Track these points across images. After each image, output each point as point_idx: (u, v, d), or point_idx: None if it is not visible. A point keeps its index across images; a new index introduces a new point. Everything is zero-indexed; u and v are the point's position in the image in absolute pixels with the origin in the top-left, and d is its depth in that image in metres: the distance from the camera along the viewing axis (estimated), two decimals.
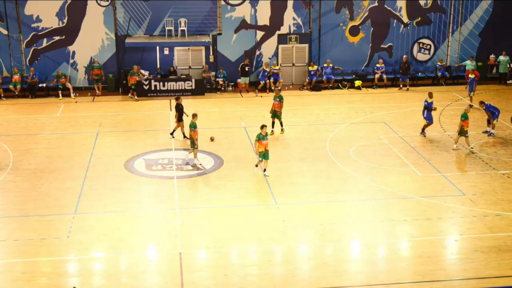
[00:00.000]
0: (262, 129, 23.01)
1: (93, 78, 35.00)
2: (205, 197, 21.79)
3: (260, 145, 22.94)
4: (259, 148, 23.00)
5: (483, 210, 20.55)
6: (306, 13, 36.40)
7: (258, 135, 22.96)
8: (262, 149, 22.97)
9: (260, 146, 22.94)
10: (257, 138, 22.96)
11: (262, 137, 22.88)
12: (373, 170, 23.90)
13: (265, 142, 22.98)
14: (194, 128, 24.42)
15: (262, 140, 22.87)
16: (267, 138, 23.08)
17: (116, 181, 23.08)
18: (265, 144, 22.98)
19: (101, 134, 28.30)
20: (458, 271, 17.10)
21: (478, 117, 29.99)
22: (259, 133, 22.95)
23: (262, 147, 22.97)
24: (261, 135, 22.89)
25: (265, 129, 23.01)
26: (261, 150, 22.98)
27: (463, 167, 24.28)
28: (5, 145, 26.74)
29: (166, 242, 18.68)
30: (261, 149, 22.97)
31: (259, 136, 22.91)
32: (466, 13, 37.33)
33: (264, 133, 22.93)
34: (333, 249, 18.37)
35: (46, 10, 34.70)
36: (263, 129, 22.98)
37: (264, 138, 22.92)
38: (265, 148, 23.03)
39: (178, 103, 27.36)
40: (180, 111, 27.29)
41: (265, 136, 22.94)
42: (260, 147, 22.96)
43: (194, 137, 24.38)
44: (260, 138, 22.88)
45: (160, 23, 35.56)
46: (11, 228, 19.54)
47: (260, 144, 22.92)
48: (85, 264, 17.67)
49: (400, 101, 33.57)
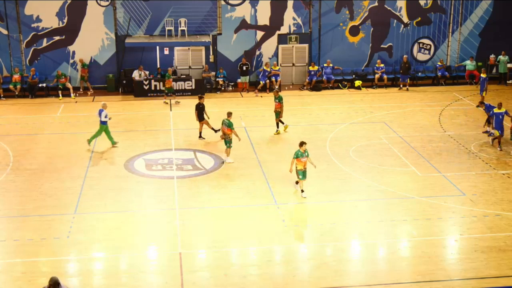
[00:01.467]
0: (301, 146, 21.29)
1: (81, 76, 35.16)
2: (205, 197, 21.78)
3: (299, 163, 21.30)
4: (297, 166, 21.37)
5: (483, 210, 20.55)
6: (306, 13, 36.41)
7: (296, 153, 21.28)
8: (301, 167, 21.35)
9: (299, 164, 21.31)
10: (295, 155, 21.28)
11: (301, 154, 21.24)
12: (373, 170, 23.90)
13: (304, 160, 21.31)
14: (230, 126, 24.58)
15: (301, 157, 21.24)
16: (306, 155, 21.38)
17: (116, 181, 23.08)
18: (304, 162, 21.34)
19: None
20: (458, 271, 17.11)
21: (479, 117, 29.98)
22: (297, 150, 21.28)
23: (301, 165, 21.34)
24: (299, 152, 21.23)
25: (304, 146, 21.25)
26: (300, 168, 21.35)
27: (463, 167, 24.27)
28: (5, 145, 26.75)
29: (166, 242, 18.69)
30: (300, 167, 21.34)
31: (297, 154, 21.25)
32: (466, 13, 37.34)
33: (303, 150, 21.24)
34: (333, 249, 18.37)
35: (46, 10, 34.71)
36: (302, 146, 21.25)
37: (303, 156, 21.27)
38: (304, 166, 21.44)
39: (199, 102, 27.38)
40: (200, 110, 27.25)
41: (303, 154, 21.27)
42: (299, 165, 21.32)
43: (230, 136, 24.61)
44: (298, 156, 21.24)
45: (160, 23, 35.57)
46: (11, 228, 19.54)
47: (298, 162, 21.29)
48: (85, 264, 17.68)
49: (400, 101, 33.57)
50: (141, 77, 34.66)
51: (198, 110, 27.28)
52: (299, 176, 21.51)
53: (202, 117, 27.33)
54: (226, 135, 24.80)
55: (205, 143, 26.97)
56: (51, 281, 13.60)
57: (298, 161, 21.32)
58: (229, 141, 24.78)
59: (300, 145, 21.35)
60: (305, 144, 21.36)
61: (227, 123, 24.78)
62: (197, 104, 27.44)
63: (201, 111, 27.28)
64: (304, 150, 21.30)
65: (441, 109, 31.82)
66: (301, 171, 21.42)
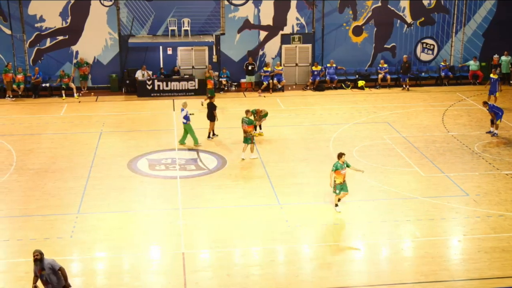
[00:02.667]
0: (340, 158, 20.12)
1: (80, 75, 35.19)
2: (208, 197, 21.78)
3: (338, 176, 20.09)
4: (336, 179, 20.17)
5: (487, 210, 20.52)
6: (310, 13, 36.39)
7: (335, 165, 20.08)
8: (340, 180, 20.16)
9: (338, 176, 20.10)
10: (334, 167, 20.07)
11: (340, 166, 20.04)
12: (376, 170, 23.88)
13: (344, 172, 20.11)
14: (250, 123, 24.87)
15: (340, 169, 20.03)
16: (345, 167, 20.21)
17: (119, 181, 23.09)
18: (343, 175, 20.15)
19: (104, 134, 28.32)
20: (461, 271, 17.09)
21: (482, 118, 29.95)
22: (336, 163, 20.11)
23: (341, 178, 20.15)
24: (339, 165, 20.03)
25: (343, 158, 20.09)
26: (339, 181, 20.16)
27: (467, 167, 24.23)
28: (9, 144, 26.78)
29: (169, 242, 18.69)
30: (339, 180, 20.15)
31: (336, 166, 20.05)
32: (469, 13, 37.28)
33: (342, 162, 20.07)
34: (336, 249, 18.37)
35: (50, 10, 34.72)
36: (341, 158, 20.08)
37: (342, 168, 20.07)
38: (344, 179, 20.25)
39: (211, 101, 27.46)
40: (211, 110, 27.36)
41: (343, 165, 20.08)
42: (338, 177, 20.11)
43: (250, 133, 24.86)
44: (338, 168, 20.03)
45: (164, 23, 35.58)
46: (14, 227, 19.57)
47: (338, 174, 20.07)
48: (88, 264, 17.70)
49: (403, 101, 33.54)
50: (144, 77, 34.69)
51: (210, 109, 27.38)
52: (336, 191, 20.29)
53: (213, 117, 27.41)
54: (246, 132, 24.99)
55: (209, 143, 26.95)
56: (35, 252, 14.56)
57: (337, 174, 20.09)
58: (249, 138, 24.96)
59: (339, 156, 20.18)
60: (344, 155, 20.22)
61: (247, 121, 25.02)
62: (208, 104, 27.58)
63: (212, 110, 27.36)
64: (343, 162, 20.12)
65: (445, 109, 31.78)
66: (339, 185, 20.20)
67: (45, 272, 14.44)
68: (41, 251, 14.60)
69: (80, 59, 35.10)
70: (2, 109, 32.27)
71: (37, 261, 14.47)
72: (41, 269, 14.45)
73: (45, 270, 14.43)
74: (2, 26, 34.64)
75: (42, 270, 14.44)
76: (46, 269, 14.43)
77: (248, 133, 25.01)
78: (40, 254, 14.51)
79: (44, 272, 14.44)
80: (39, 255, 14.49)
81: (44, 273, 14.45)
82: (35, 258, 14.48)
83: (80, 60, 35.09)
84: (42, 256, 14.52)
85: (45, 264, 14.48)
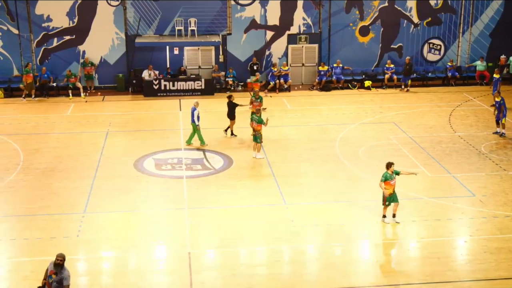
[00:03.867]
0: (389, 168, 19.43)
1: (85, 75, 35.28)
2: (214, 197, 21.79)
3: (388, 187, 19.44)
4: (386, 190, 19.51)
5: (493, 211, 20.47)
6: (316, 13, 36.36)
7: (384, 175, 19.43)
8: (390, 191, 19.46)
9: (388, 187, 19.45)
10: (384, 178, 19.42)
11: (390, 176, 19.40)
12: (382, 171, 23.71)
13: (393, 183, 19.46)
14: (260, 122, 25.00)
15: (390, 180, 19.41)
16: (395, 177, 19.55)
17: (126, 181, 23.13)
18: (393, 185, 19.49)
19: (111, 133, 28.37)
20: (467, 272, 17.06)
21: (489, 118, 29.88)
22: (385, 173, 19.43)
23: (391, 189, 19.49)
24: (388, 175, 19.39)
25: (392, 168, 19.41)
26: (389, 192, 19.46)
27: (473, 168, 24.18)
28: (15, 144, 26.85)
29: (175, 241, 18.71)
30: (389, 190, 19.46)
31: (386, 176, 19.41)
32: (476, 13, 37.19)
33: (391, 172, 19.42)
34: (342, 249, 18.35)
35: (57, 9, 34.81)
36: (390, 168, 19.41)
37: (392, 178, 19.43)
38: (394, 189, 19.57)
39: (229, 100, 27.54)
40: (232, 109, 27.45)
41: (392, 175, 19.44)
42: (388, 188, 19.45)
43: (260, 131, 24.98)
44: (387, 178, 19.40)
45: (170, 23, 35.61)
46: (21, 227, 19.62)
47: (387, 185, 19.42)
48: (94, 263, 17.73)
49: (409, 101, 33.49)
50: (151, 76, 34.74)
51: (230, 108, 27.44)
52: (385, 202, 19.63)
53: (233, 115, 27.50)
54: (256, 131, 25.12)
55: (215, 142, 26.97)
56: (60, 256, 14.25)
57: (387, 185, 19.45)
58: (258, 137, 25.03)
59: (388, 166, 19.50)
60: (393, 164, 19.47)
61: (257, 119, 25.06)
62: (228, 103, 27.63)
63: (233, 109, 27.46)
64: (392, 172, 19.45)
65: (451, 109, 31.72)
66: (389, 197, 19.54)
67: (56, 277, 14.17)
68: (64, 257, 14.29)
69: (85, 59, 35.18)
70: (9, 109, 32.38)
71: (57, 266, 14.18)
72: (55, 273, 14.18)
73: (57, 276, 14.17)
74: (9, 26, 34.74)
75: (55, 274, 14.18)
76: (58, 276, 14.16)
77: (257, 132, 25.05)
78: (63, 260, 14.20)
79: (55, 277, 14.17)
80: (62, 261, 14.19)
81: (55, 278, 14.18)
82: (57, 262, 14.18)
83: (85, 60, 35.16)
84: (63, 262, 14.21)
85: (62, 271, 14.19)
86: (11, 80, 35.10)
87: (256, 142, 25.17)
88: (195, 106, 26.51)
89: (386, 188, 19.43)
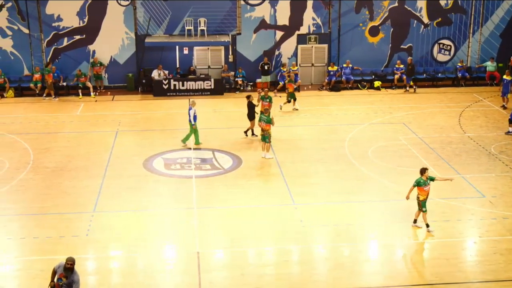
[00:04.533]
0: (423, 174, 18.97)
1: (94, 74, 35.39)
2: (223, 197, 21.81)
3: (422, 193, 19.02)
4: (420, 196, 19.09)
5: (503, 212, 20.40)
6: (326, 13, 36.34)
7: (417, 181, 18.97)
8: (424, 197, 19.05)
9: (422, 193, 19.03)
10: (416, 183, 18.99)
11: (423, 182, 18.93)
12: (392, 171, 23.81)
13: (427, 189, 19.00)
14: (268, 122, 25.03)
15: (423, 186, 18.95)
16: (429, 183, 19.07)
17: (135, 180, 23.17)
18: (427, 191, 19.03)
19: (120, 133, 28.44)
20: (477, 273, 17.00)
21: (499, 119, 29.80)
22: (419, 178, 18.98)
23: (425, 195, 19.04)
24: (421, 181, 18.91)
25: (427, 173, 18.95)
26: (423, 198, 19.05)
27: (483, 168, 24.10)
28: (26, 143, 26.96)
29: (184, 241, 18.74)
30: (423, 196, 19.04)
31: (419, 182, 18.95)
32: (487, 13, 37.07)
33: (426, 178, 18.95)
34: (351, 249, 18.33)
35: (67, 9, 34.92)
36: (424, 174, 18.94)
37: (426, 184, 18.96)
38: (427, 195, 19.12)
39: (249, 101, 27.54)
40: (251, 109, 27.44)
41: (426, 182, 18.96)
42: (422, 194, 19.03)
43: (268, 131, 25.02)
44: (420, 184, 18.93)
45: (180, 23, 35.67)
46: (30, 225, 19.69)
47: (421, 191, 19.00)
48: (103, 262, 17.78)
49: (419, 102, 33.41)
50: (161, 76, 34.81)
51: (249, 109, 27.43)
52: (423, 208, 19.13)
53: (252, 116, 27.49)
54: (264, 131, 25.14)
55: (225, 142, 26.99)
56: (70, 260, 14.23)
57: (420, 191, 19.03)
58: (267, 137, 25.05)
59: (422, 172, 19.03)
60: (427, 170, 19.03)
61: (265, 119, 25.07)
62: (247, 103, 27.63)
63: (252, 110, 27.44)
64: (427, 177, 18.97)
65: (461, 110, 31.63)
66: (423, 202, 19.10)
67: (66, 281, 14.19)
68: (74, 261, 14.28)
69: (94, 59, 35.27)
70: (19, 108, 32.51)
71: (67, 270, 14.18)
72: (65, 276, 14.19)
73: (67, 279, 14.18)
74: (20, 26, 34.88)
75: (65, 277, 14.18)
76: (68, 279, 14.18)
77: (266, 132, 25.05)
78: (73, 264, 14.20)
79: (65, 280, 14.19)
80: (72, 265, 14.18)
81: (65, 281, 14.20)
82: (68, 266, 14.17)
83: (94, 60, 35.25)
84: (73, 266, 14.20)
85: (72, 276, 14.19)
86: (21, 80, 35.25)
87: (265, 142, 25.19)
88: (191, 105, 26.52)
89: (420, 195, 19.01)
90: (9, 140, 27.45)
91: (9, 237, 19.01)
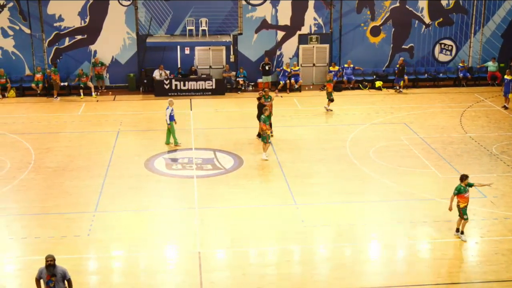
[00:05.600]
0: (463, 180, 18.50)
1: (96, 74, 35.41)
2: (225, 197, 21.81)
3: (462, 200, 18.57)
4: (460, 204, 18.63)
5: (504, 212, 20.40)
6: (327, 13, 36.33)
7: (458, 188, 18.52)
8: (464, 204, 18.58)
9: (462, 201, 18.57)
10: (457, 191, 18.54)
11: (464, 189, 18.46)
12: (393, 171, 23.80)
13: (467, 196, 18.52)
14: (265, 122, 25.01)
15: (463, 193, 18.48)
16: (468, 190, 18.57)
17: (136, 180, 23.18)
18: (467, 198, 18.54)
19: (122, 133, 28.45)
20: (478, 273, 16.99)
21: (500, 119, 29.79)
22: (459, 185, 18.54)
23: (465, 202, 18.58)
24: (462, 188, 18.45)
25: (467, 180, 18.46)
26: (463, 205, 18.57)
27: (484, 169, 24.10)
28: (27, 143, 26.97)
29: (185, 241, 18.74)
30: (463, 204, 18.59)
31: (459, 189, 18.50)
32: (488, 14, 37.05)
33: (465, 185, 18.49)
34: (352, 250, 18.33)
35: (69, 9, 34.93)
36: (464, 181, 18.47)
37: (466, 191, 18.49)
38: (468, 202, 18.65)
39: (260, 102, 27.52)
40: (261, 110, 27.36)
41: (466, 188, 18.49)
42: (462, 202, 18.58)
43: (266, 131, 24.98)
44: (460, 191, 18.47)
45: (181, 23, 35.67)
46: (32, 225, 19.71)
47: (461, 198, 18.56)
48: (105, 262, 17.78)
49: (420, 102, 33.40)
50: (162, 76, 34.82)
51: (260, 110, 27.37)
52: (464, 216, 18.66)
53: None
54: (263, 131, 25.13)
55: (226, 142, 26.99)
56: (49, 257, 14.16)
57: (461, 198, 18.59)
58: (265, 137, 25.02)
59: (462, 179, 18.58)
60: (467, 177, 18.55)
61: (263, 119, 25.08)
62: (258, 105, 27.59)
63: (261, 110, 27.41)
64: (466, 184, 18.53)
65: (463, 110, 31.62)
66: (464, 209, 18.65)
67: (55, 278, 14.14)
68: (54, 257, 14.20)
69: (95, 60, 35.29)
70: (21, 108, 32.53)
71: (50, 267, 14.11)
72: (52, 275, 14.12)
73: (56, 277, 14.14)
74: (21, 26, 34.90)
75: (52, 276, 14.13)
76: (58, 275, 14.15)
77: (264, 132, 25.04)
78: (54, 260, 14.14)
79: (54, 278, 14.14)
80: (53, 261, 14.12)
81: (54, 280, 14.15)
82: (48, 263, 14.09)
83: (95, 60, 35.27)
84: (54, 262, 14.15)
85: (57, 270, 14.17)
86: (23, 80, 35.28)
87: (263, 141, 25.14)
88: (169, 105, 26.48)
89: (461, 202, 18.60)
90: (10, 140, 27.47)
91: (11, 237, 19.02)
